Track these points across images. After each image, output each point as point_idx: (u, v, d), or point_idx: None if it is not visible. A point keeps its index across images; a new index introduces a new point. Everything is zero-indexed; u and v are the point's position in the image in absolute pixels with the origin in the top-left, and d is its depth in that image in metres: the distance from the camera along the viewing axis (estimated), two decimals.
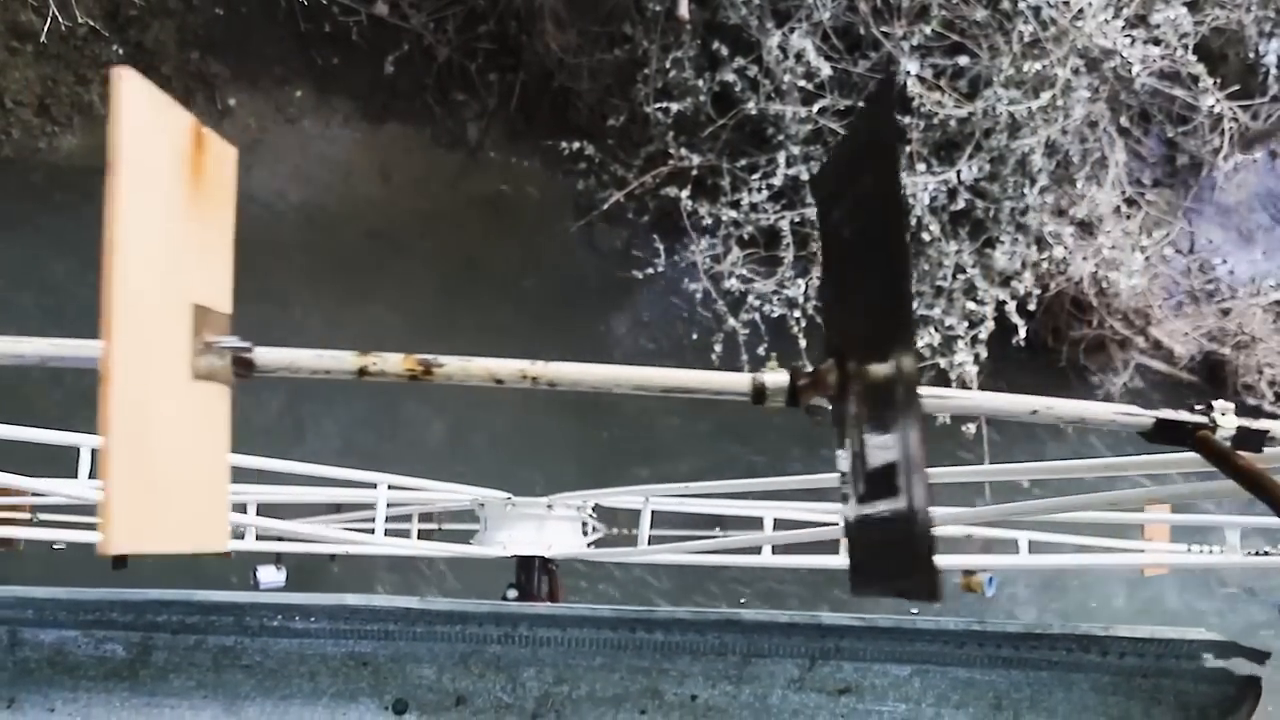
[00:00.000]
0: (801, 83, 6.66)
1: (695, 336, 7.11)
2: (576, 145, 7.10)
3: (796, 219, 6.75)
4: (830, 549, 4.18)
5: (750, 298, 6.79)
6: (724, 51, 6.70)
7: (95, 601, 2.49)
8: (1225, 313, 7.71)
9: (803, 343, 6.71)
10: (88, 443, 3.68)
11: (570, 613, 2.54)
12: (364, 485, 4.31)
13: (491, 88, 7.64)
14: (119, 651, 2.52)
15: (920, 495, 1.19)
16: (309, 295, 7.28)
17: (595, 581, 6.75)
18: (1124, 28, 6.48)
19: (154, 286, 1.24)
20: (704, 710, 2.48)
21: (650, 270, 6.99)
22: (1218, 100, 6.80)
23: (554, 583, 4.52)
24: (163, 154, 1.23)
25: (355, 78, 7.59)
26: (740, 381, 1.53)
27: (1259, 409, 7.48)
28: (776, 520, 4.48)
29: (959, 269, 6.83)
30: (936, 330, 6.77)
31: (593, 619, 2.50)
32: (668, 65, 6.91)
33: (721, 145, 6.97)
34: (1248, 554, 3.97)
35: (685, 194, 6.90)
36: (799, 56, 6.58)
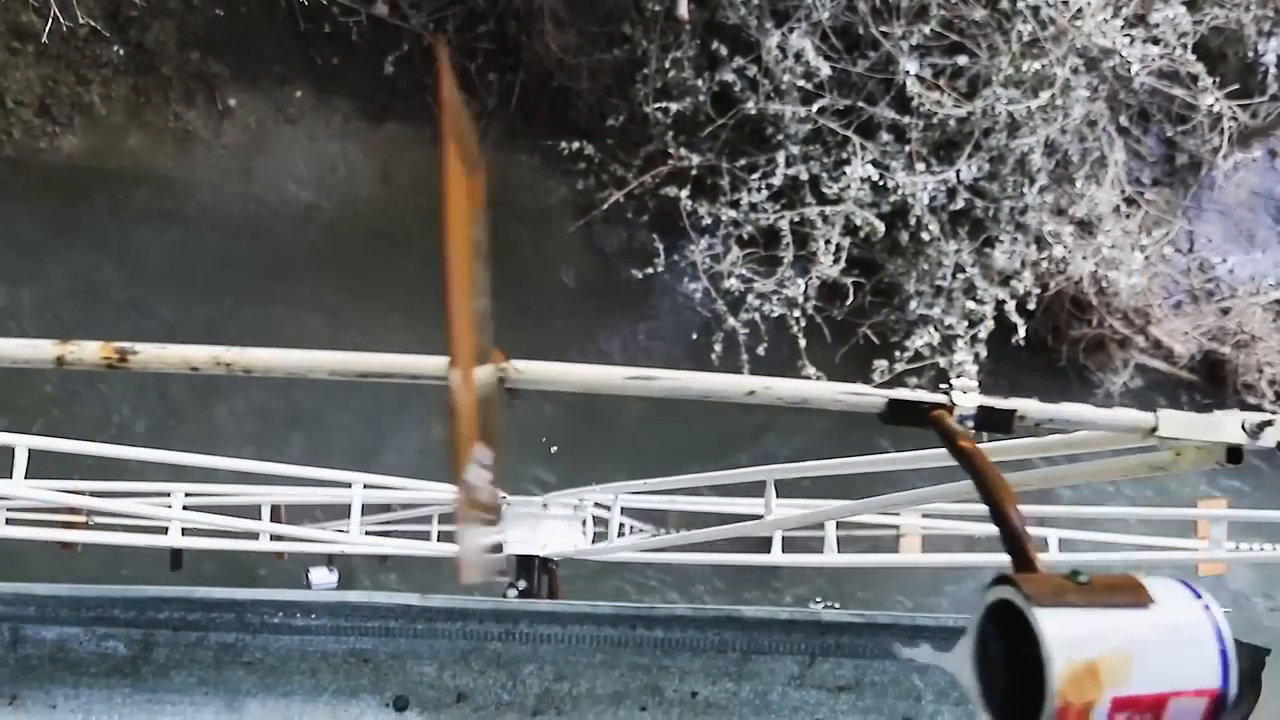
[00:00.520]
0: (801, 82, 6.67)
1: (695, 336, 7.12)
2: (576, 145, 7.11)
3: (796, 219, 6.75)
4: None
5: (750, 297, 6.79)
6: (723, 51, 6.71)
7: (97, 598, 2.50)
8: (1225, 312, 7.71)
9: (803, 342, 6.72)
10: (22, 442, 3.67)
11: (570, 610, 2.54)
12: (339, 485, 4.31)
13: (491, 87, 7.64)
14: (120, 648, 2.52)
15: None
16: (310, 294, 7.28)
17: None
18: (1123, 27, 6.49)
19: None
20: (704, 707, 2.49)
21: (650, 270, 6.99)
22: (1217, 99, 6.81)
23: (554, 581, 4.52)
24: None
25: (355, 77, 7.59)
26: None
27: (1259, 408, 7.48)
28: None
29: (958, 268, 6.84)
30: (936, 330, 6.78)
31: (593, 616, 2.50)
32: (667, 65, 6.92)
33: (721, 145, 6.98)
34: None
35: (685, 194, 6.90)
36: (798, 56, 6.59)
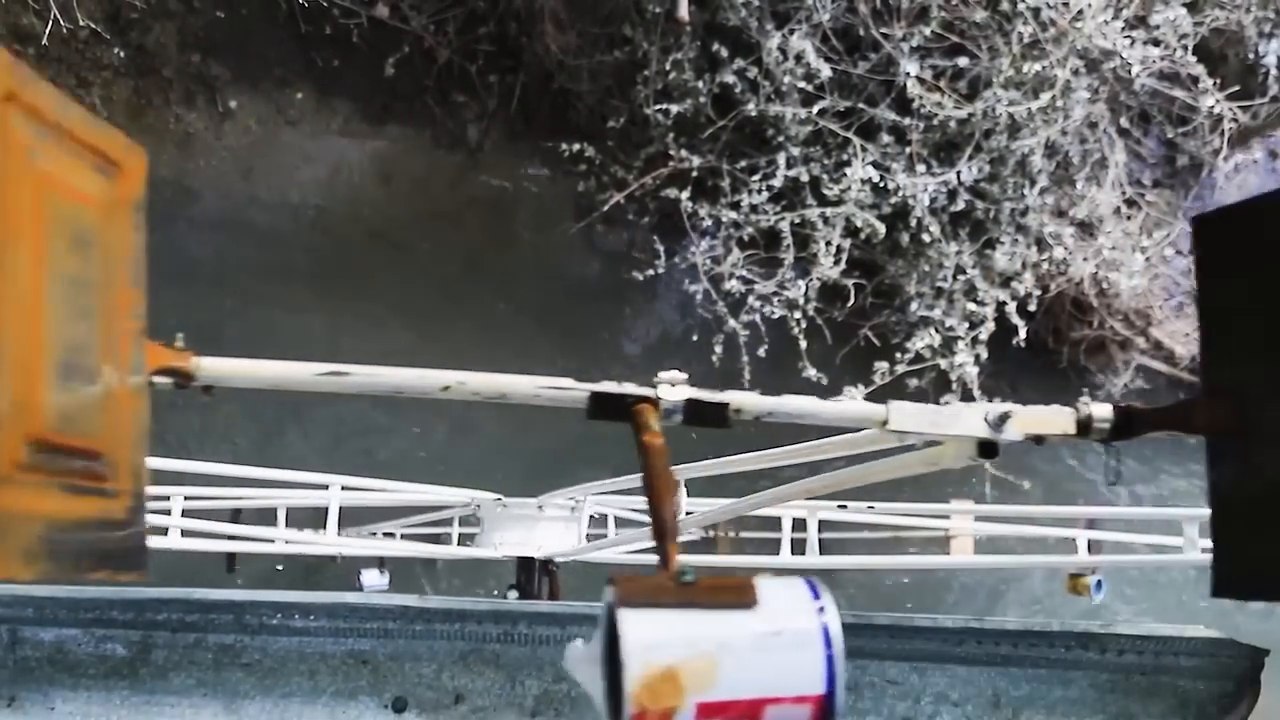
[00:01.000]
0: (801, 84, 6.66)
1: (695, 338, 7.12)
2: (576, 147, 7.10)
3: (796, 220, 6.75)
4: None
5: (751, 299, 6.79)
6: (724, 53, 6.71)
7: (95, 600, 2.49)
8: None
9: (803, 344, 6.71)
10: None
11: (569, 611, 2.54)
12: (316, 486, 4.31)
13: (491, 89, 7.64)
14: (119, 650, 2.52)
15: None
16: (310, 297, 7.28)
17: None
18: (1124, 29, 6.48)
19: None
20: None
21: (650, 271, 6.99)
22: (1217, 101, 6.80)
23: (554, 583, 4.52)
24: None
25: (356, 79, 7.59)
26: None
27: None
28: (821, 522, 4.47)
29: (959, 270, 6.83)
30: (937, 331, 6.77)
31: (591, 617, 2.49)
32: (667, 67, 6.92)
33: (721, 147, 6.98)
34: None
35: (685, 195, 6.90)
36: (799, 58, 6.58)
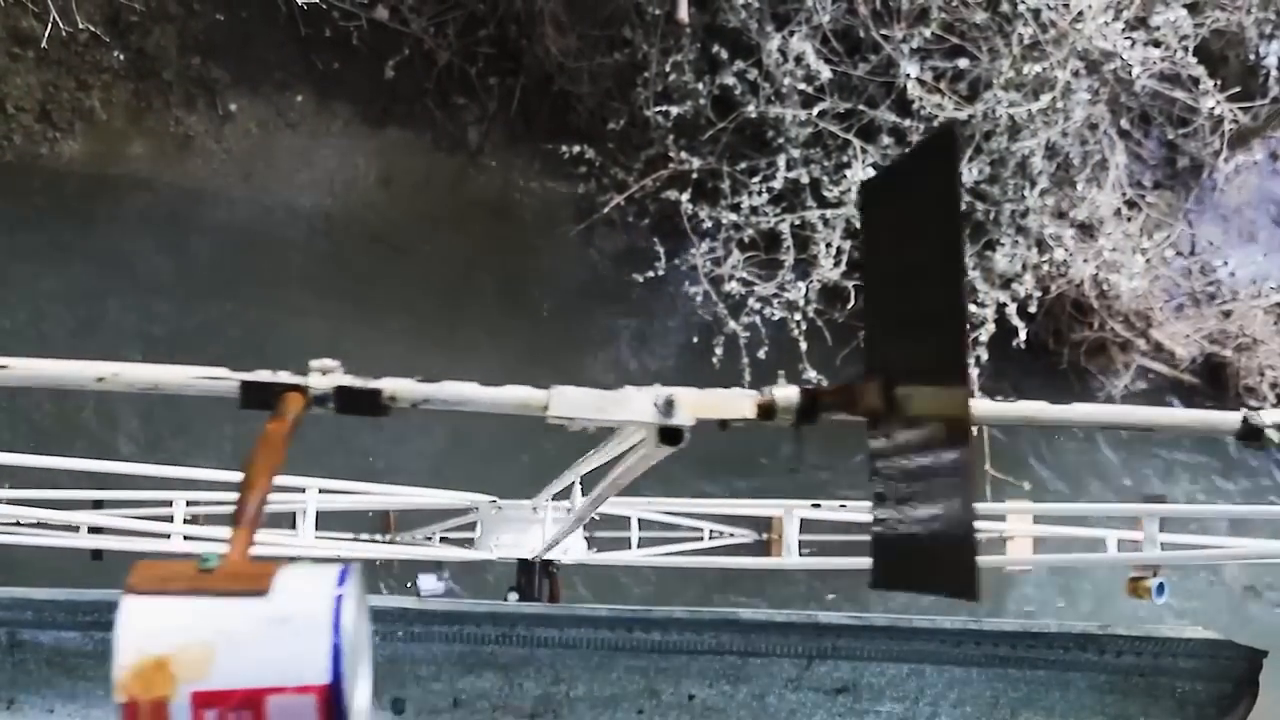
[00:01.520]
0: (801, 86, 6.67)
1: (696, 339, 7.12)
2: (577, 149, 7.11)
3: (797, 222, 6.75)
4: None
5: (751, 300, 6.79)
6: (724, 55, 6.71)
7: (93, 602, 2.49)
8: (1226, 315, 7.70)
9: (803, 345, 6.71)
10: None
11: (567, 613, 2.54)
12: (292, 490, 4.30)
13: (492, 92, 7.65)
14: None
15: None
16: (312, 299, 7.28)
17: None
18: (1124, 30, 6.48)
19: None
20: (701, 710, 2.48)
21: (651, 273, 6.99)
22: (1218, 102, 6.80)
23: (554, 585, 4.52)
24: None
25: (356, 82, 7.60)
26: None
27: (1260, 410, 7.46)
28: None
29: None
30: None
31: (590, 619, 2.49)
32: (667, 69, 6.92)
33: (721, 148, 6.98)
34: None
35: (685, 197, 6.90)
36: (799, 59, 6.59)
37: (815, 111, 6.66)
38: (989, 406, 1.66)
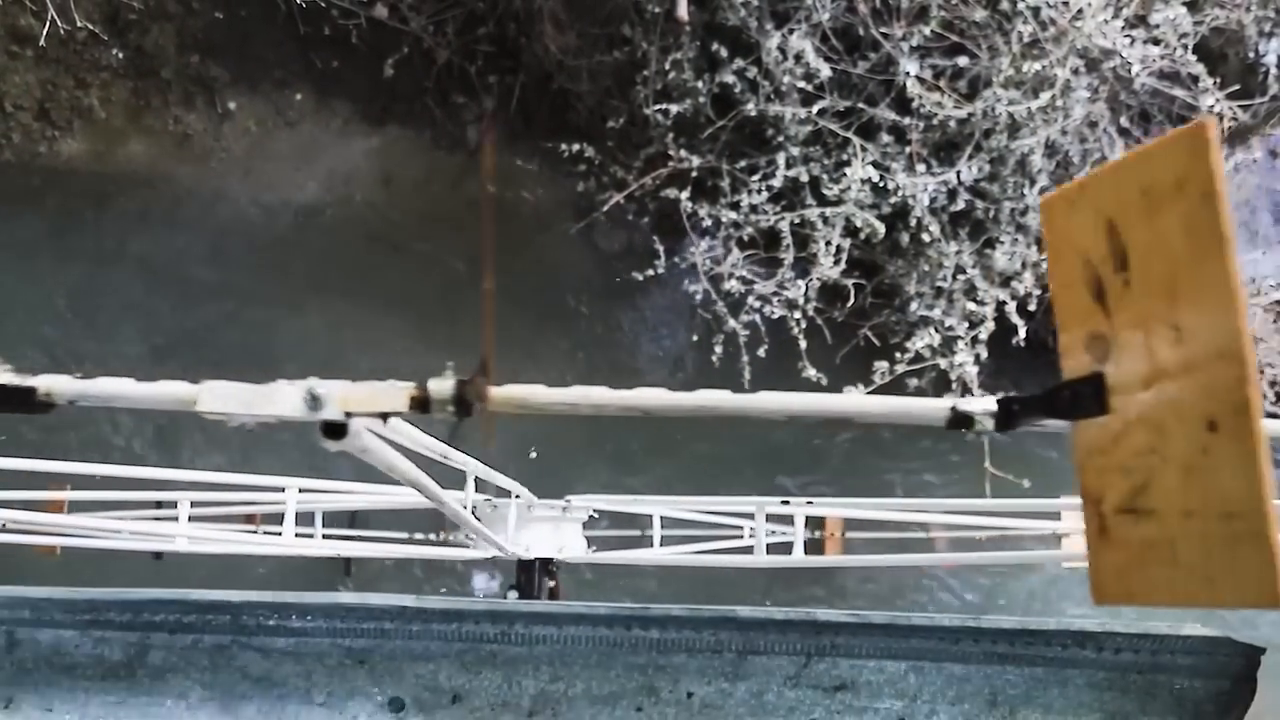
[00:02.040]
0: (801, 84, 6.66)
1: (696, 338, 7.12)
2: (576, 147, 7.10)
3: (796, 220, 6.74)
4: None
5: (750, 299, 6.78)
6: (723, 53, 6.71)
7: (92, 601, 2.50)
8: None
9: (803, 344, 6.71)
10: None
11: (566, 610, 2.54)
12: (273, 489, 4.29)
13: (491, 90, 7.64)
14: (116, 651, 2.52)
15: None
16: (312, 298, 7.28)
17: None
18: (1123, 28, 6.47)
19: None
20: (700, 707, 2.48)
21: (651, 272, 6.99)
22: (1217, 100, 6.79)
23: (555, 583, 4.53)
24: None
25: (355, 80, 7.60)
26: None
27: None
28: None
29: (959, 269, 6.82)
30: (937, 331, 6.76)
31: (589, 616, 2.50)
32: (667, 67, 6.92)
33: (721, 147, 6.97)
34: None
35: (685, 195, 6.90)
36: (798, 58, 6.58)
37: (815, 109, 6.66)
38: (657, 395, 1.57)
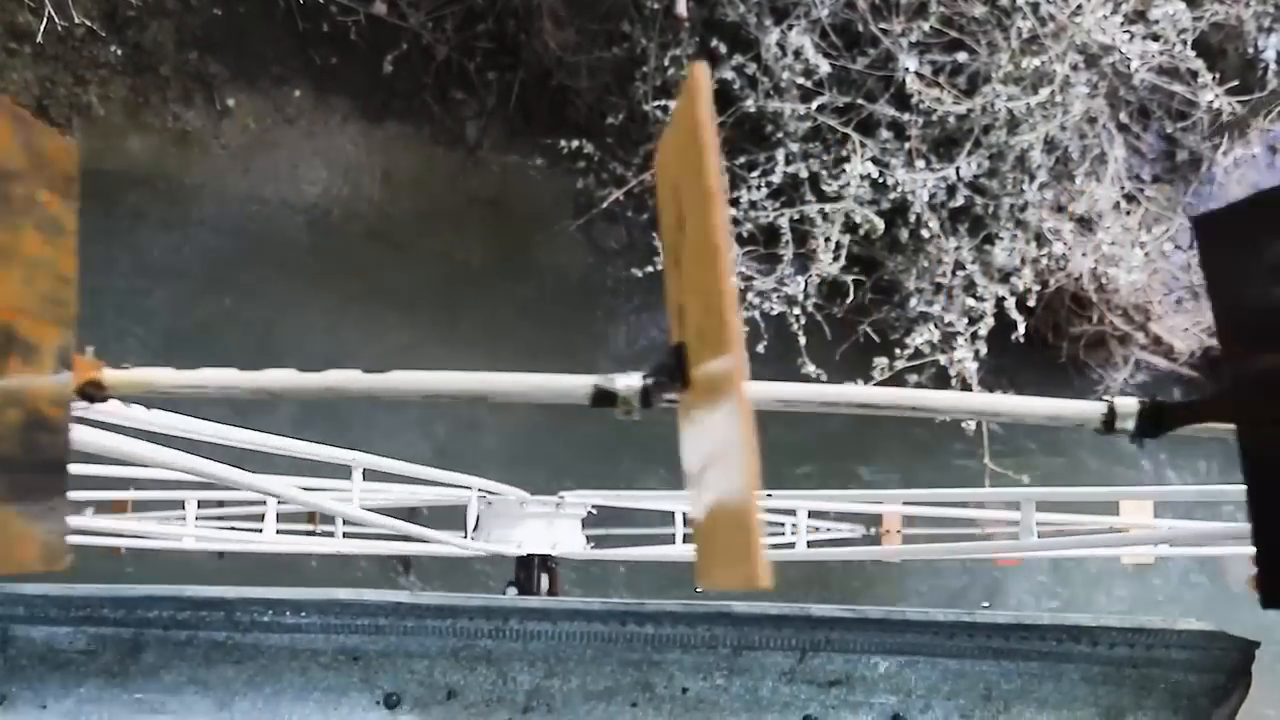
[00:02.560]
0: (800, 80, 6.66)
1: None
2: (575, 143, 7.10)
3: (795, 216, 6.75)
4: None
5: (750, 295, 6.78)
6: (722, 49, 6.70)
7: (86, 598, 2.50)
8: None
9: (802, 340, 6.71)
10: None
11: (560, 606, 2.55)
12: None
13: (490, 86, 7.64)
14: (110, 648, 2.52)
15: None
16: (310, 296, 7.28)
17: None
18: (1123, 23, 6.47)
19: None
20: (695, 703, 2.48)
21: (650, 268, 6.99)
22: (1217, 95, 6.79)
23: (554, 580, 4.52)
24: None
25: (354, 77, 7.59)
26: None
27: None
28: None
29: (958, 265, 6.83)
30: (936, 327, 6.77)
31: (583, 612, 2.50)
32: (666, 63, 6.91)
33: (720, 143, 6.96)
34: None
35: None
36: (797, 54, 6.58)
37: (814, 106, 6.66)
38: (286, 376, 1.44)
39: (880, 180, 6.62)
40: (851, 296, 6.86)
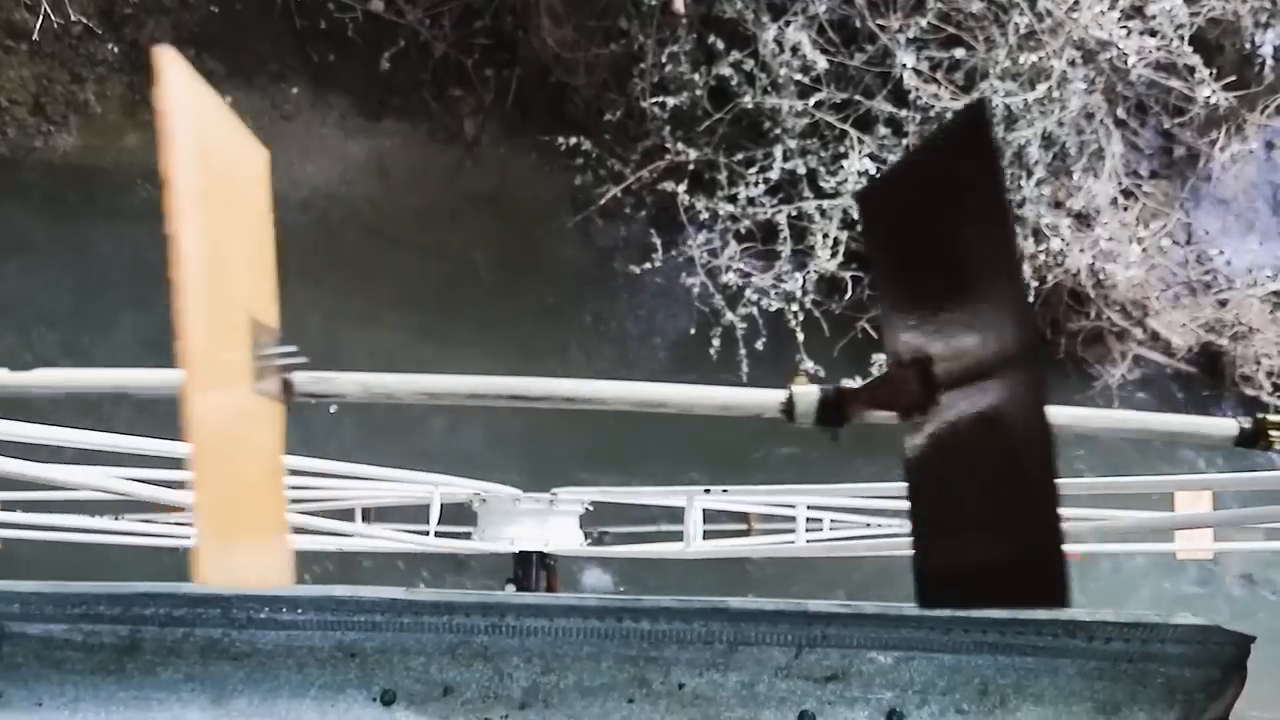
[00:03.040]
0: (798, 76, 6.66)
1: (693, 331, 7.12)
2: (573, 140, 7.10)
3: (793, 213, 6.75)
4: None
5: (748, 291, 6.79)
6: (720, 45, 6.70)
7: (81, 595, 2.49)
8: (1223, 304, 7.69)
9: (800, 336, 6.72)
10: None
11: (557, 602, 2.54)
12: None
13: (488, 83, 7.63)
14: (106, 645, 2.52)
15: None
16: (307, 292, 7.27)
17: None
18: (1120, 19, 6.48)
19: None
20: (691, 698, 2.48)
21: (648, 265, 6.99)
22: (1214, 91, 6.80)
23: (552, 577, 4.53)
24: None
25: (351, 74, 7.58)
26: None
27: (1257, 400, 7.48)
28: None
29: None
30: None
31: (579, 608, 2.50)
32: (664, 60, 6.91)
33: (718, 139, 6.97)
34: None
35: (682, 188, 6.90)
36: (795, 50, 6.58)
37: (812, 102, 6.66)
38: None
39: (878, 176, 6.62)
40: (850, 293, 6.86)
